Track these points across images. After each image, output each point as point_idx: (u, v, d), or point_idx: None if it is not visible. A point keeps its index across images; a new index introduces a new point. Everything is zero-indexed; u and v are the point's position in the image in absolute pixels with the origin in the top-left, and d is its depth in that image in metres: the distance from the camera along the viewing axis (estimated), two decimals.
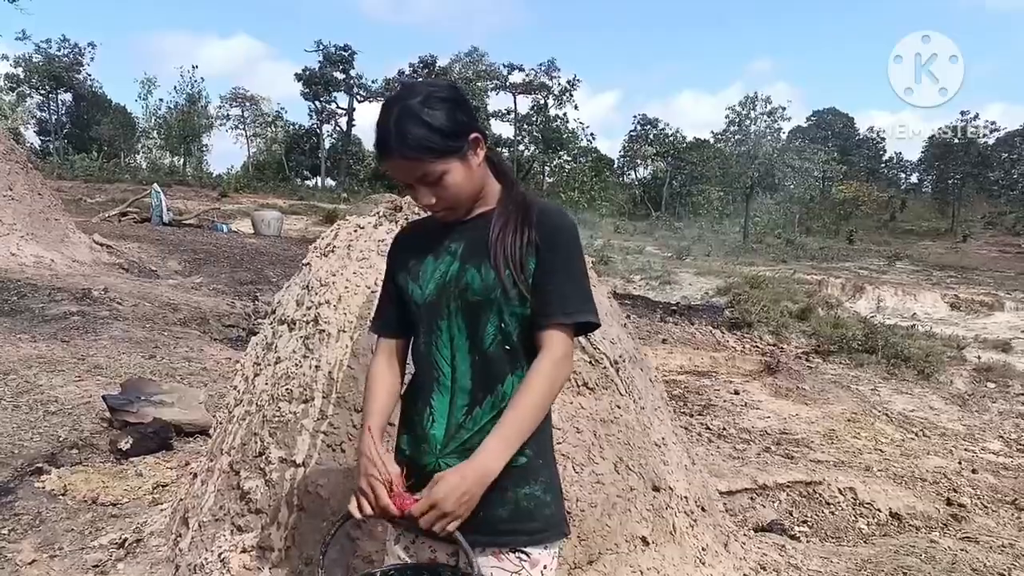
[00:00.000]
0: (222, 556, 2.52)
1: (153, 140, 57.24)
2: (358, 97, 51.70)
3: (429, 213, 1.51)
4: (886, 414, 8.52)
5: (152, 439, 3.62)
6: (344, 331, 2.70)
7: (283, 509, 2.50)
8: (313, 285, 2.90)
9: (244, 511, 2.58)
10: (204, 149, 60.24)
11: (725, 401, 8.67)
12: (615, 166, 62.32)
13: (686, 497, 2.96)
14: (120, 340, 5.61)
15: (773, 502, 5.21)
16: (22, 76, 48.46)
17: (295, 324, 2.88)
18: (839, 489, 5.31)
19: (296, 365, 2.71)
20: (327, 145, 56.49)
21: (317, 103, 52.24)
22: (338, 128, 55.57)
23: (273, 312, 3.17)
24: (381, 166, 1.46)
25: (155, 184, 21.23)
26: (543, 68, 53.21)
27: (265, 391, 2.77)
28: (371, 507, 1.41)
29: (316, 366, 2.66)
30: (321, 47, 49.30)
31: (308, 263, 3.11)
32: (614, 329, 3.07)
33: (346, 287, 2.80)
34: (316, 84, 50.14)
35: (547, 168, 57.69)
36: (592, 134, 56.02)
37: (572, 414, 2.51)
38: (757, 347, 13.33)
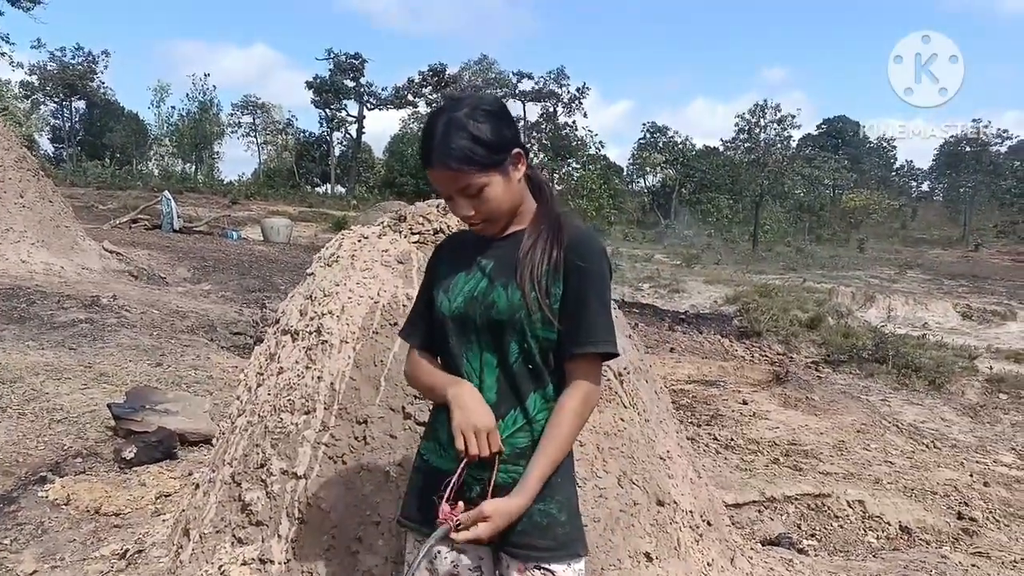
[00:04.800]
0: (222, 568, 2.50)
1: (165, 147, 57.68)
2: (368, 105, 51.95)
3: (467, 226, 1.53)
4: (896, 425, 8.43)
5: (156, 448, 3.62)
6: (346, 342, 2.69)
7: (284, 521, 2.49)
8: (316, 295, 2.90)
9: (245, 523, 2.57)
10: (216, 156, 60.71)
11: (733, 411, 8.61)
12: (624, 174, 62.29)
13: (691, 511, 2.93)
14: (127, 347, 5.63)
15: (781, 515, 5.16)
16: (36, 84, 48.97)
17: (298, 334, 2.87)
18: (848, 502, 5.26)
19: (298, 376, 2.70)
20: (337, 153, 56.75)
21: (327, 111, 52.54)
22: (348, 135, 55.87)
23: (276, 322, 3.16)
24: (428, 174, 1.47)
25: (166, 191, 21.38)
26: (552, 76, 53.37)
27: (267, 401, 2.76)
28: (479, 451, 1.43)
29: (318, 377, 2.65)
30: (332, 55, 49.63)
31: (312, 273, 3.11)
32: (619, 340, 3.04)
33: (349, 298, 2.79)
34: (327, 92, 50.40)
35: (556, 176, 57.73)
36: (601, 142, 56.10)
37: None
38: (766, 356, 13.25)
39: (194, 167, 56.94)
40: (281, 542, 2.47)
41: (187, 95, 55.39)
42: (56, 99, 51.28)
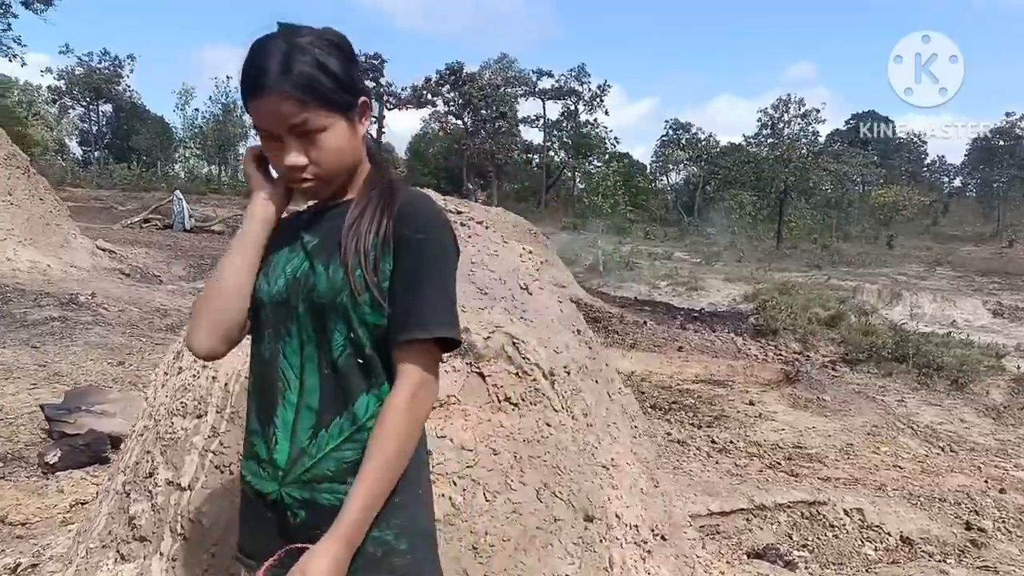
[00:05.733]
0: None
1: (190, 149, 58.38)
2: (388, 105, 51.97)
3: (291, 180, 1.25)
4: (911, 427, 8.00)
5: (83, 452, 3.41)
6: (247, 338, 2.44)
7: (167, 537, 2.25)
8: None
9: (130, 537, 2.34)
10: (240, 158, 61.25)
11: (739, 412, 8.27)
12: (647, 172, 61.61)
13: (637, 526, 2.64)
14: (94, 346, 5.47)
15: (772, 524, 4.82)
16: (64, 88, 49.84)
17: None
18: (845, 510, 4.90)
19: (195, 376, 2.47)
20: None
21: None
22: (369, 135, 55.91)
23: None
24: (248, 109, 1.20)
25: (177, 191, 21.48)
26: (573, 74, 52.91)
27: (164, 404, 2.53)
28: None
29: (213, 377, 2.41)
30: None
31: None
32: (561, 336, 2.76)
33: None
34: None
35: (578, 174, 57.32)
36: (616, 139, 55.14)
37: (488, 434, 2.21)
38: (780, 355, 12.79)
39: (219, 169, 57.55)
40: (162, 560, 2.23)
41: (210, 98, 56.00)
42: (83, 103, 52.14)
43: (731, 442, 6.68)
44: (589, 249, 26.93)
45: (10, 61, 33.22)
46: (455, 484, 2.08)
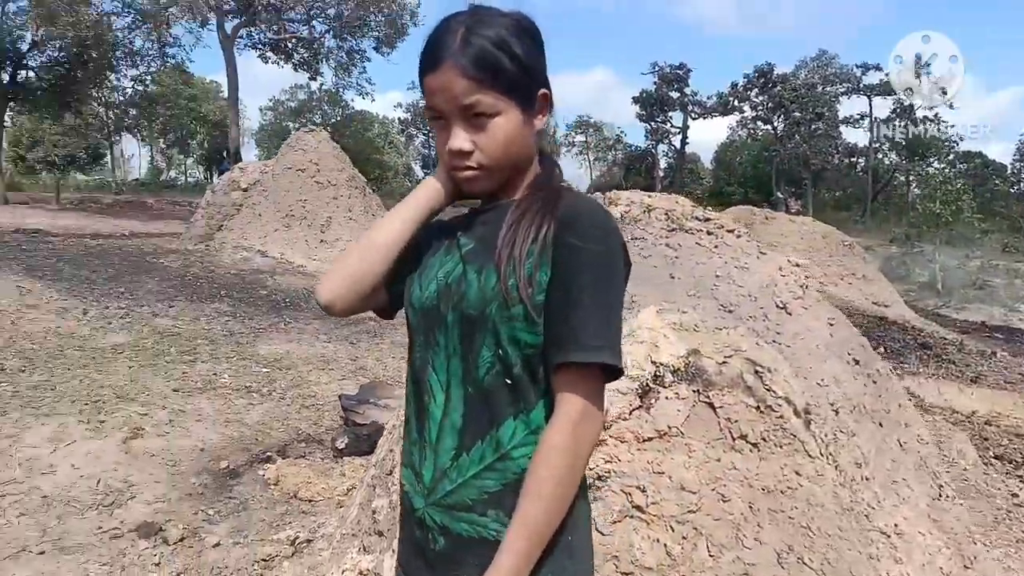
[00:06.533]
0: (344, 574, 2.44)
1: None
2: (692, 114, 51.17)
3: (454, 167, 1.14)
4: None
5: (365, 441, 3.79)
6: None
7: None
8: None
9: (371, 531, 2.48)
10: None
11: None
12: (1008, 172, 51.70)
13: None
14: (399, 345, 6.12)
15: None
16: (409, 119, 58.37)
17: None
18: None
19: None
20: (663, 164, 56.94)
21: (652, 124, 53.02)
22: (672, 147, 55.73)
23: None
24: (423, 88, 1.13)
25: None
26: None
27: None
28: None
29: None
30: (656, 68, 49.92)
31: None
32: (827, 366, 2.31)
33: None
34: (651, 105, 50.90)
35: (912, 178, 50.28)
36: (959, 136, 46.37)
37: (717, 476, 1.90)
38: None
39: None
40: (393, 557, 2.31)
41: None
42: (424, 131, 60.32)
43: None
44: (927, 264, 23.34)
45: (363, 98, 39.78)
46: (672, 530, 1.80)
